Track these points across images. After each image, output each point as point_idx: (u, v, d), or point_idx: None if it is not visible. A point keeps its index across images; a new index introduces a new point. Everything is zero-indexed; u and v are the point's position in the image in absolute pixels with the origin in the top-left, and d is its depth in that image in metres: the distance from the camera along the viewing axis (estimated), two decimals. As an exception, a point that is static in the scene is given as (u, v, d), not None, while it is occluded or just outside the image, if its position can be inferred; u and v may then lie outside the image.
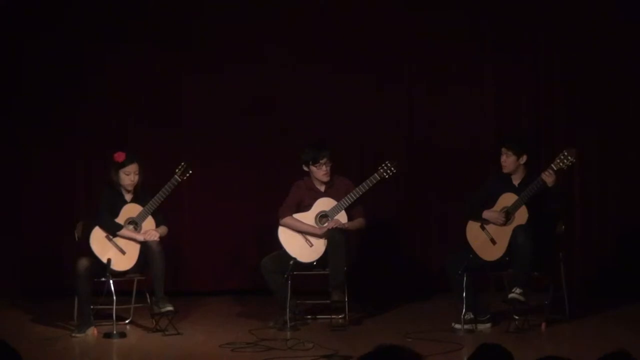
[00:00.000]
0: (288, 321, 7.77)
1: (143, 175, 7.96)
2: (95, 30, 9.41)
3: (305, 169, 8.15)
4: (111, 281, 7.68)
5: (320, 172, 8.08)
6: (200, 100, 9.56)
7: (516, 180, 7.78)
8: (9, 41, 9.38)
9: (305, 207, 8.15)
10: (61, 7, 9.43)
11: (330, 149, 8.13)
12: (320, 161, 8.04)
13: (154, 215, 7.89)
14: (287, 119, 9.49)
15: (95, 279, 7.74)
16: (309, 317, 8.22)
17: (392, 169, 8.05)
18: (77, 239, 8.12)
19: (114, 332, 7.63)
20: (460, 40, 9.51)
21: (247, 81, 9.51)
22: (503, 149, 7.77)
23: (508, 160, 7.74)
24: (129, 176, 7.86)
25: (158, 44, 9.49)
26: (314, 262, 8.09)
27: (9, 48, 9.39)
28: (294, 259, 7.90)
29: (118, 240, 7.84)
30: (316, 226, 8.09)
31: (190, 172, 7.98)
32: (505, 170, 7.77)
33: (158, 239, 7.83)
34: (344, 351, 6.93)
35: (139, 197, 7.94)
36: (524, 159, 7.75)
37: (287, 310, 7.79)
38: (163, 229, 7.94)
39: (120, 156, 7.88)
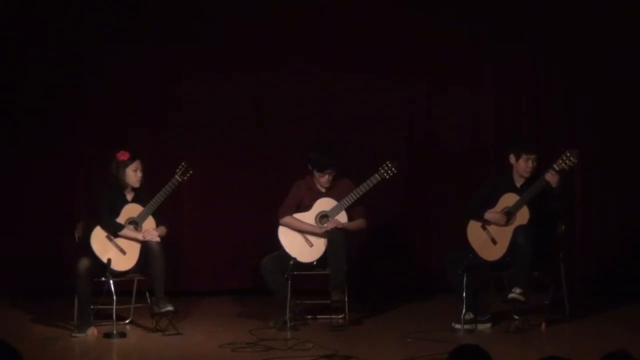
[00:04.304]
0: (288, 321, 7.76)
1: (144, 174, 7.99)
2: (95, 30, 9.40)
3: (310, 167, 8.15)
4: (111, 281, 7.67)
5: (322, 179, 8.11)
6: (201, 101, 9.56)
7: (518, 181, 7.77)
8: (9, 41, 9.38)
9: (306, 207, 8.15)
10: (61, 7, 9.43)
11: (337, 156, 8.11)
12: (326, 171, 8.06)
13: (154, 215, 7.89)
14: (287, 119, 9.49)
15: (96, 279, 7.74)
16: (309, 317, 8.22)
17: (393, 169, 8.05)
18: (77, 239, 8.12)
19: (114, 332, 7.63)
20: (460, 40, 9.51)
21: (247, 81, 9.51)
22: (528, 155, 7.67)
23: (534, 165, 7.70)
24: (135, 172, 7.87)
25: (158, 44, 9.49)
26: (314, 262, 8.09)
27: (9, 48, 9.39)
28: (294, 259, 7.90)
29: (119, 240, 7.84)
30: (316, 226, 8.10)
31: (191, 172, 7.98)
32: (528, 175, 7.71)
33: (158, 239, 7.83)
34: (344, 351, 6.92)
35: (140, 197, 7.94)
36: None
37: (287, 310, 7.78)
38: (162, 230, 7.93)
39: (124, 155, 7.90)
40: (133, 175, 7.89)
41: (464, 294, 7.60)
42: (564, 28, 9.45)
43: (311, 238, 8.10)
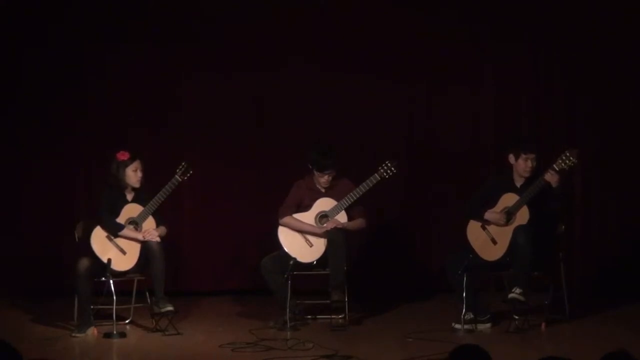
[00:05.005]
0: (288, 321, 7.76)
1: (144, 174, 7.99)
2: (95, 30, 9.40)
3: (310, 167, 8.15)
4: (111, 281, 7.67)
5: (322, 179, 8.11)
6: (201, 101, 9.56)
7: (517, 181, 7.77)
8: (9, 41, 9.38)
9: (305, 207, 8.15)
10: (61, 7, 9.43)
11: (337, 156, 8.10)
12: (325, 171, 8.05)
13: (154, 215, 7.89)
14: (287, 119, 9.50)
15: (96, 279, 7.74)
16: (309, 317, 8.22)
17: (392, 169, 8.05)
18: (77, 239, 8.12)
19: (114, 332, 7.62)
20: (460, 40, 9.51)
21: (247, 81, 9.51)
22: (527, 155, 7.66)
23: (533, 165, 7.69)
24: (135, 172, 7.87)
25: (158, 44, 9.49)
26: (314, 262, 8.09)
27: (9, 48, 9.39)
28: (294, 259, 7.90)
29: (119, 240, 7.83)
30: (316, 226, 8.09)
31: (191, 172, 7.98)
32: (528, 175, 7.70)
33: (158, 239, 7.83)
34: (344, 351, 6.92)
35: (140, 197, 7.94)
36: None
37: (287, 310, 7.79)
38: (162, 230, 7.93)
39: (124, 155, 7.89)
40: (133, 175, 7.88)
41: (464, 294, 7.59)
42: (564, 28, 9.45)
43: (311, 238, 8.10)
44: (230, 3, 9.52)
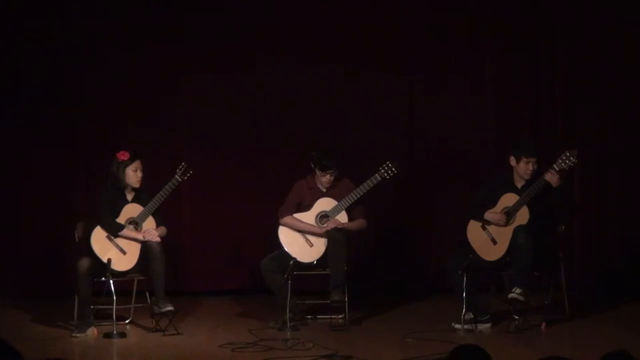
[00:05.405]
0: (288, 321, 7.77)
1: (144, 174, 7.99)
2: (95, 30, 9.40)
3: (312, 165, 8.14)
4: (111, 281, 7.67)
5: (324, 179, 8.10)
6: (200, 101, 9.56)
7: (518, 182, 7.76)
8: (9, 41, 9.38)
9: (306, 207, 8.14)
10: (61, 7, 9.43)
11: (340, 156, 8.11)
12: (328, 171, 8.05)
13: (154, 215, 7.89)
14: (287, 119, 9.49)
15: (96, 279, 7.74)
16: (309, 317, 8.22)
17: (393, 169, 8.05)
18: (77, 239, 8.11)
19: (114, 332, 7.62)
20: (461, 40, 9.52)
21: (247, 81, 9.51)
22: (528, 159, 7.66)
23: (534, 168, 7.69)
24: (136, 172, 7.87)
25: (158, 44, 9.48)
26: (314, 262, 8.08)
27: (9, 48, 9.38)
28: (294, 259, 7.89)
29: (119, 240, 7.83)
30: (316, 226, 8.09)
31: (191, 172, 7.98)
32: (528, 178, 7.69)
33: (158, 239, 7.83)
34: (344, 351, 6.92)
35: (140, 197, 7.94)
36: None
37: (287, 310, 7.79)
38: (162, 230, 7.93)
39: (124, 154, 7.89)
40: (133, 175, 7.88)
41: (464, 294, 7.60)
42: (564, 28, 9.45)
43: (311, 238, 8.10)
44: (231, 3, 9.51)
